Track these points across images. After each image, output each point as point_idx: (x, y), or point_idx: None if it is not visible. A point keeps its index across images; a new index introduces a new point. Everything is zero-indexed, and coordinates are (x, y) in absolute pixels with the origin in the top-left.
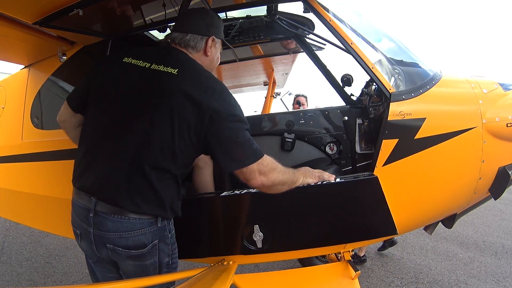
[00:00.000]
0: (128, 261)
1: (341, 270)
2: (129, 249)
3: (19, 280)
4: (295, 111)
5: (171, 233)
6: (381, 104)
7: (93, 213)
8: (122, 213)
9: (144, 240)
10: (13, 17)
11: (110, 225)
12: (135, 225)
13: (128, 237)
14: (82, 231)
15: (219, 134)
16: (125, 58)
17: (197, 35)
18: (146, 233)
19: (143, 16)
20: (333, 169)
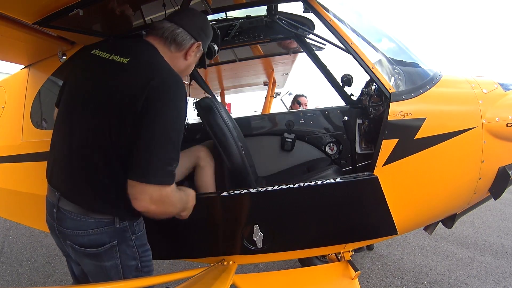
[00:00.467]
0: (86, 259)
1: (341, 270)
2: (85, 247)
3: (19, 280)
4: (295, 111)
5: (136, 235)
6: (381, 104)
7: (56, 209)
8: (79, 212)
9: (99, 240)
10: (13, 17)
11: (69, 223)
12: (91, 225)
13: (83, 236)
14: (50, 225)
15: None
16: (93, 50)
17: (188, 34)
18: (102, 233)
19: (143, 16)
20: (333, 169)
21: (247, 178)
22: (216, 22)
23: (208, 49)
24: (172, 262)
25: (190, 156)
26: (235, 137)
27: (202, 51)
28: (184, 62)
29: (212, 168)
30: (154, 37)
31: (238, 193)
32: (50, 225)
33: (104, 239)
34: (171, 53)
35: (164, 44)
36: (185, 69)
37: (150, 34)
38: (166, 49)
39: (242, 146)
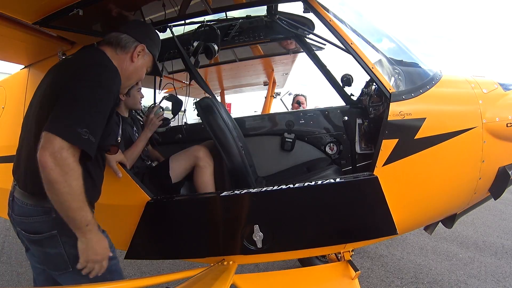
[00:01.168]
0: (32, 245)
1: (341, 270)
2: (29, 233)
3: (19, 280)
4: (295, 111)
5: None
6: (381, 104)
7: (11, 197)
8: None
9: (39, 227)
10: (13, 17)
11: (16, 208)
12: (32, 212)
13: (27, 222)
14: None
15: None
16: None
17: (131, 37)
18: (41, 222)
19: (143, 16)
20: (333, 169)
21: (247, 178)
22: (216, 22)
23: (208, 49)
24: (172, 262)
25: (189, 156)
26: (235, 137)
27: (150, 55)
28: (132, 64)
29: (211, 168)
30: (103, 46)
31: (238, 193)
32: (9, 215)
33: (43, 227)
34: (118, 56)
35: (111, 49)
36: (134, 72)
37: (100, 44)
38: (114, 53)
39: (242, 146)
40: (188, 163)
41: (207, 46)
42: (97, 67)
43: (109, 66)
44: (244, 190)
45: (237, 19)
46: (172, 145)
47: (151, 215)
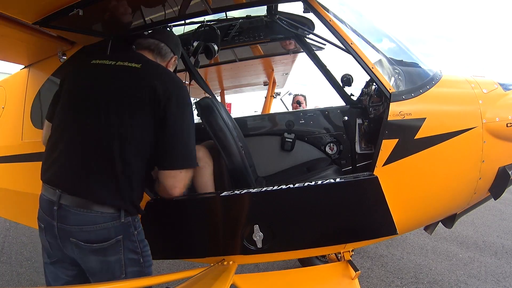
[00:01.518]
0: (91, 256)
1: (341, 270)
2: (91, 242)
3: (19, 280)
4: (295, 111)
5: (137, 230)
6: (381, 104)
7: (57, 206)
8: (85, 206)
9: (106, 234)
10: (13, 17)
11: (73, 219)
12: (98, 219)
13: (90, 231)
14: (46, 225)
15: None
16: (93, 61)
17: (169, 48)
18: (109, 228)
19: (143, 16)
20: (333, 169)
21: (247, 178)
22: (216, 22)
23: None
24: (172, 262)
25: None
26: (235, 137)
27: (176, 64)
28: None
29: (211, 168)
30: (143, 51)
31: (238, 193)
32: (47, 224)
33: (110, 233)
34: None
35: (152, 56)
36: None
37: (139, 49)
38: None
39: (242, 146)
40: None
41: (207, 46)
42: (185, 87)
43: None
44: (244, 190)
45: (237, 19)
46: None
47: (151, 215)
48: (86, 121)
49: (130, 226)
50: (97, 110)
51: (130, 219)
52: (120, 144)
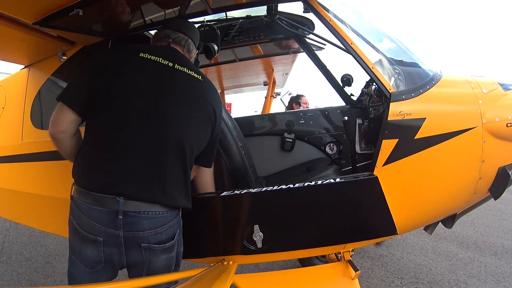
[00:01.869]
0: (162, 255)
1: (341, 270)
2: (164, 243)
3: (19, 280)
4: (295, 111)
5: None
6: (381, 104)
7: (123, 215)
8: (156, 208)
9: (173, 231)
10: (13, 17)
11: (146, 223)
12: (167, 219)
13: (161, 232)
14: (107, 237)
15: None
16: (141, 53)
17: (193, 43)
18: (174, 225)
19: (143, 16)
20: (333, 169)
21: (247, 178)
22: (216, 22)
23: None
24: None
25: None
26: (235, 137)
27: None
28: None
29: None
30: (177, 45)
31: (238, 193)
32: (107, 236)
33: (175, 230)
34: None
35: (182, 51)
36: None
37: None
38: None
39: (242, 146)
40: None
41: (207, 46)
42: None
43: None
44: (244, 190)
45: (237, 19)
46: None
47: None
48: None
49: (181, 220)
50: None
51: (180, 213)
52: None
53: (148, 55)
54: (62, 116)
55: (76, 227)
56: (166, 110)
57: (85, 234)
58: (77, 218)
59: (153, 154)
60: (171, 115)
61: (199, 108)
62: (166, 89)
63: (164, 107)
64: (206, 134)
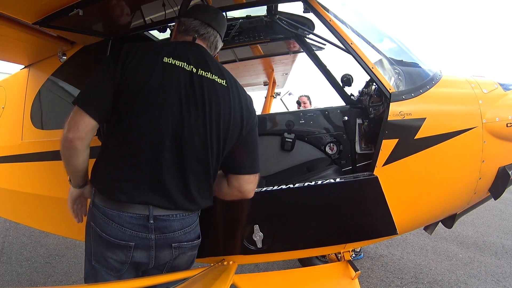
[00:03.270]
0: (189, 252)
1: (341, 270)
2: (193, 240)
3: (19, 280)
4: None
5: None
6: (381, 104)
7: (153, 219)
8: (181, 211)
9: (198, 230)
10: (13, 17)
11: (175, 225)
12: (193, 219)
13: (190, 231)
14: (139, 241)
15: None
16: (165, 58)
17: (220, 38)
18: (198, 224)
19: (143, 16)
20: (333, 169)
21: None
22: None
23: None
24: None
25: None
26: None
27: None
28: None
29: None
30: (203, 41)
31: None
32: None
33: (198, 228)
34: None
35: (209, 48)
36: None
37: (199, 38)
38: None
39: None
40: None
41: None
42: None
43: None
44: None
45: (237, 19)
46: None
47: None
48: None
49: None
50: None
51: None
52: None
53: (172, 59)
54: (83, 121)
55: (100, 235)
56: (190, 121)
57: (113, 240)
58: (101, 225)
59: (178, 166)
60: (193, 127)
61: (222, 116)
62: (190, 100)
63: (188, 118)
64: (231, 141)
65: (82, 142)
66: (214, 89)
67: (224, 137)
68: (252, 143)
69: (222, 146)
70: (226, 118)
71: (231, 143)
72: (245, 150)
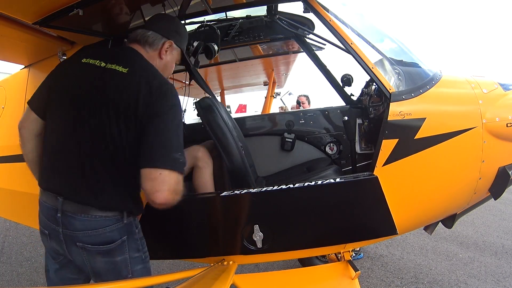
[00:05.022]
0: (98, 257)
1: (341, 270)
2: (98, 245)
3: (19, 280)
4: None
5: (138, 229)
6: (381, 104)
7: (61, 213)
8: (89, 212)
9: (111, 237)
10: (13, 17)
11: (78, 224)
12: (102, 223)
13: (96, 235)
14: (51, 231)
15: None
16: (84, 59)
17: (158, 34)
18: (113, 231)
19: (143, 16)
20: (333, 169)
21: (247, 178)
22: (216, 22)
23: (208, 49)
24: (172, 262)
25: (188, 156)
26: (235, 137)
27: (178, 49)
28: (161, 62)
29: (211, 168)
30: (133, 43)
31: (238, 193)
32: (51, 231)
33: (115, 235)
34: (148, 54)
35: (141, 47)
36: (164, 69)
37: (129, 41)
38: (144, 51)
39: (242, 146)
40: (187, 163)
41: (207, 46)
42: (171, 85)
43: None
44: (244, 190)
45: (237, 19)
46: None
47: (151, 215)
48: (77, 127)
49: (132, 225)
50: (88, 114)
51: (131, 219)
52: (114, 148)
53: (89, 59)
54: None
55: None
56: (86, 116)
57: (41, 227)
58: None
59: (83, 158)
60: (94, 118)
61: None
62: (89, 94)
63: (84, 113)
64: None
65: (23, 131)
66: (116, 78)
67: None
68: (154, 132)
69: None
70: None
71: (133, 131)
72: (147, 139)
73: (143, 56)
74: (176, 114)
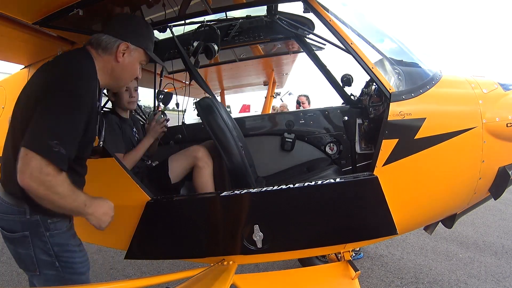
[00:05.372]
0: (7, 242)
1: (341, 270)
2: (5, 230)
3: (19, 280)
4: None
5: (50, 232)
6: (381, 104)
7: None
8: (3, 196)
9: (12, 226)
10: (13, 17)
11: None
12: (8, 210)
13: (4, 219)
14: None
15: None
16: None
17: (112, 37)
18: (16, 221)
19: (143, 16)
20: (333, 169)
21: (247, 178)
22: (216, 22)
23: (208, 49)
24: (172, 262)
25: (188, 156)
26: (235, 137)
27: (139, 49)
28: (118, 65)
29: (211, 168)
30: (88, 47)
31: (238, 193)
32: None
33: (16, 226)
34: (102, 58)
35: (95, 52)
36: (123, 71)
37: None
38: (98, 56)
39: (242, 146)
40: (187, 163)
41: (207, 46)
42: (68, 75)
43: (83, 72)
44: (244, 190)
45: (237, 19)
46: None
47: (151, 215)
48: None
49: (39, 225)
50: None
51: (38, 218)
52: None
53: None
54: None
55: None
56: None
57: None
58: None
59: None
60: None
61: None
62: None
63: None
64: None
65: None
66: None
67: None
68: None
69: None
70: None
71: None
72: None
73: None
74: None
